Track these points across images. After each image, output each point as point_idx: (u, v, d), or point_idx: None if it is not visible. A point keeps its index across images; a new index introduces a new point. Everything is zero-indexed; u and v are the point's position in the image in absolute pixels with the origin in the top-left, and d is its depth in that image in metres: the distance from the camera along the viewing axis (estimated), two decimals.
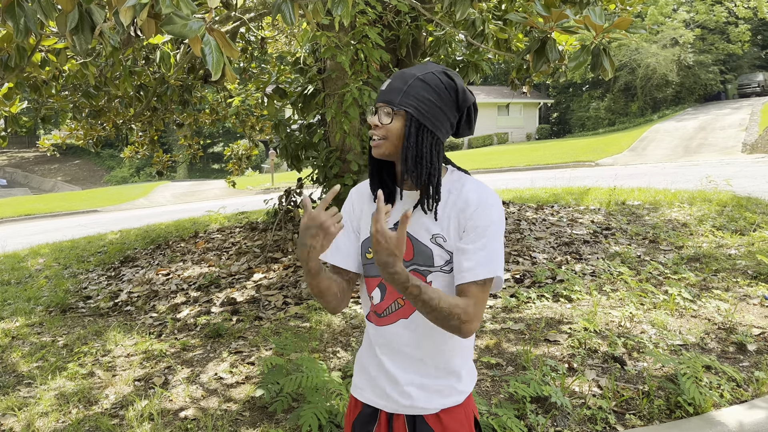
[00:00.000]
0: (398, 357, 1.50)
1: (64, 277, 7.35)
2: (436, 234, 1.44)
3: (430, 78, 1.41)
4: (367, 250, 1.51)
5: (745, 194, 8.61)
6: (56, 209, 20.06)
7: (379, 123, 1.41)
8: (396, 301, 1.48)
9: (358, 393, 1.59)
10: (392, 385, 1.49)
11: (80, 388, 3.76)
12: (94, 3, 2.16)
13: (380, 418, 1.54)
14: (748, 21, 32.58)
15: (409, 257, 1.45)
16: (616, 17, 3.00)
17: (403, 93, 1.39)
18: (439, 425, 1.48)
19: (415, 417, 1.50)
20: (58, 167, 44.12)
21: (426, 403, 1.48)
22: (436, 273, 1.44)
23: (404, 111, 1.40)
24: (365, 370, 1.57)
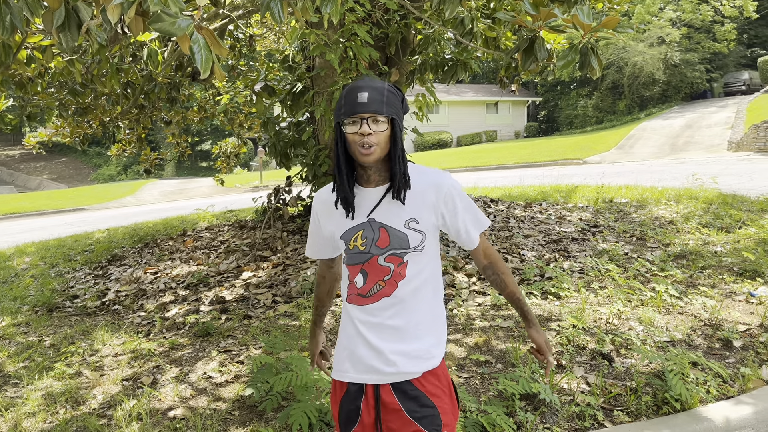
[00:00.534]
0: (381, 330, 1.68)
1: (51, 276, 7.29)
2: (408, 219, 1.67)
3: (393, 89, 1.66)
4: (348, 244, 1.71)
5: (731, 192, 8.69)
6: (42, 207, 19.88)
7: (371, 131, 1.59)
8: (377, 283, 1.68)
9: (341, 375, 1.74)
10: (378, 357, 1.67)
11: (67, 388, 3.73)
12: (81, 0, 2.14)
13: (366, 392, 1.69)
14: (734, 20, 32.82)
15: (386, 244, 1.67)
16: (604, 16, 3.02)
17: (385, 103, 1.61)
18: (422, 387, 1.67)
19: (401, 383, 1.67)
20: (44, 165, 43.70)
21: (410, 367, 1.67)
22: (410, 253, 1.67)
23: (390, 118, 1.63)
24: (348, 352, 1.73)
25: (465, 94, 37.69)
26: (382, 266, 1.67)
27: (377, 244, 1.67)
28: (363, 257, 1.68)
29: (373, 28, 6.02)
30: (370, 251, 1.67)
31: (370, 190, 1.71)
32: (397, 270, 1.67)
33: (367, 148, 1.60)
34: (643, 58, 32.12)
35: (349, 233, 1.70)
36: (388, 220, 1.67)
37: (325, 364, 1.91)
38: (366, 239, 1.68)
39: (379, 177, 1.70)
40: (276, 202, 7.50)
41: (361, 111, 1.59)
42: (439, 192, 1.70)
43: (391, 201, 1.68)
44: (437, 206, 1.70)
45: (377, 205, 1.69)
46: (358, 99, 1.60)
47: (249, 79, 7.58)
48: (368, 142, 1.59)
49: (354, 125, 1.61)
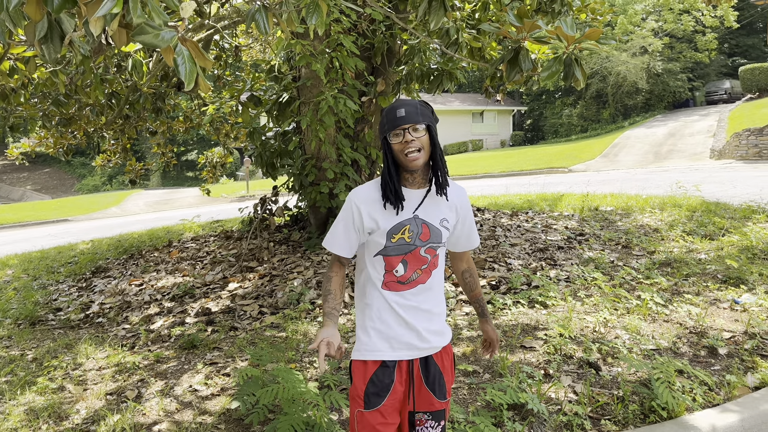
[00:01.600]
0: (416, 312, 1.98)
1: (34, 288, 7.19)
2: (443, 218, 1.99)
3: (423, 103, 1.95)
4: (392, 236, 1.95)
5: (714, 199, 8.79)
6: (25, 219, 19.65)
7: (413, 137, 1.86)
8: (416, 271, 1.97)
9: (375, 355, 1.96)
10: (415, 336, 1.97)
11: (50, 403, 3.67)
12: (65, 12, 2.13)
13: (401, 367, 1.97)
14: (714, 30, 33.36)
15: (427, 238, 1.96)
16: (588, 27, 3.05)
17: (420, 114, 1.89)
18: (440, 361, 2.03)
19: (426, 358, 2.00)
20: (28, 176, 43.22)
21: (438, 342, 2.01)
22: (441, 247, 2.00)
23: (426, 126, 1.90)
24: (382, 334, 1.97)
25: (451, 104, 37.88)
26: (422, 257, 1.96)
27: (420, 237, 1.95)
28: (408, 248, 1.95)
29: (359, 39, 6.04)
30: (414, 243, 1.95)
31: (414, 191, 1.98)
32: (432, 260, 1.99)
33: (414, 153, 1.87)
34: (626, 68, 32.49)
35: (398, 227, 1.95)
36: (428, 217, 1.97)
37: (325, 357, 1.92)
38: (412, 233, 1.95)
39: (423, 180, 1.98)
40: (262, 212, 7.46)
41: (402, 123, 1.87)
42: (461, 201, 2.06)
43: (431, 201, 1.98)
44: (458, 212, 2.04)
45: (421, 203, 1.97)
46: (398, 114, 1.88)
47: (235, 89, 7.56)
48: (412, 147, 1.86)
49: (398, 137, 1.88)
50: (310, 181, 6.54)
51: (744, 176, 12.72)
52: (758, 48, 37.46)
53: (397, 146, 1.89)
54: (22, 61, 3.67)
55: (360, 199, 2.00)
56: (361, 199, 2.00)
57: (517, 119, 42.64)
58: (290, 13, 2.78)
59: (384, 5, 5.37)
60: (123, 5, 1.57)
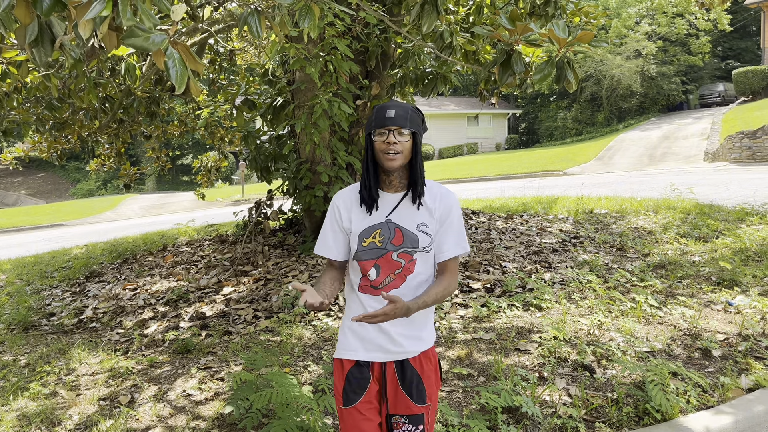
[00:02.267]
0: None
1: (27, 293, 7.16)
2: (420, 223, 1.96)
3: (415, 110, 1.96)
4: (363, 240, 1.96)
5: (708, 202, 8.82)
6: (19, 224, 19.57)
7: (397, 140, 1.88)
8: (389, 275, 1.95)
9: (350, 354, 2.00)
10: (386, 338, 1.96)
11: (43, 409, 3.65)
12: (55, 15, 2.12)
13: (374, 368, 1.99)
14: (708, 33, 33.52)
15: (400, 242, 1.94)
16: (580, 30, 3.06)
17: (409, 120, 1.90)
18: (419, 365, 1.99)
19: (402, 362, 1.98)
20: (22, 180, 43.06)
21: (412, 347, 1.98)
22: (419, 253, 1.95)
23: (412, 132, 1.91)
24: (357, 334, 2.00)
25: (446, 107, 37.94)
26: (394, 261, 1.95)
27: (392, 241, 1.94)
28: (379, 252, 1.95)
29: (353, 42, 6.05)
30: (386, 247, 1.94)
31: (390, 194, 1.99)
32: (407, 265, 1.95)
33: (392, 155, 1.88)
34: (620, 71, 32.59)
35: (369, 230, 1.96)
36: (403, 221, 1.96)
37: (308, 302, 1.77)
38: (383, 237, 1.95)
39: (400, 183, 1.98)
40: (257, 216, 7.45)
41: (389, 124, 1.88)
42: (444, 206, 2.00)
43: (407, 206, 1.97)
44: (436, 215, 1.99)
45: (396, 207, 1.97)
46: (387, 114, 1.89)
47: (229, 93, 7.56)
48: (393, 149, 1.88)
49: (382, 135, 1.89)
50: (305, 185, 6.53)
51: (738, 178, 12.77)
52: (751, 51, 37.67)
53: (379, 145, 1.91)
54: (14, 65, 3.65)
55: (340, 199, 2.05)
56: (340, 200, 2.05)
57: (512, 122, 42.72)
58: (283, 16, 2.78)
59: (378, 9, 5.38)
60: (112, 8, 1.57)
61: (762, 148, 16.54)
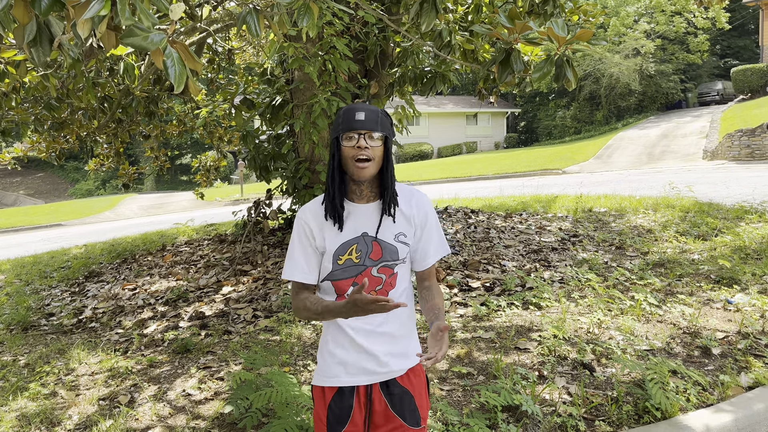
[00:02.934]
0: (373, 336, 1.83)
1: (26, 293, 7.15)
2: (398, 233, 1.83)
3: (385, 113, 1.81)
4: (338, 258, 1.81)
5: (707, 200, 8.82)
6: (18, 224, 19.56)
7: (368, 145, 1.73)
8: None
9: (331, 381, 1.85)
10: (372, 360, 1.82)
11: (42, 409, 3.64)
12: (53, 14, 2.12)
13: (359, 393, 1.84)
14: (706, 31, 33.54)
15: (378, 256, 1.81)
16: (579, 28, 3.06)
17: (379, 123, 1.75)
18: (408, 383, 1.87)
19: (388, 382, 1.85)
20: (21, 180, 43.04)
21: (398, 365, 1.86)
22: (399, 264, 1.84)
23: (384, 136, 1.77)
24: (337, 358, 1.85)
25: (445, 106, 37.95)
26: (375, 277, 1.82)
27: (371, 256, 1.81)
28: (357, 269, 1.81)
29: (352, 42, 6.04)
30: (364, 263, 1.80)
31: (361, 205, 1.83)
32: (388, 280, 1.83)
33: (363, 162, 1.72)
34: (619, 69, 32.62)
35: (343, 247, 1.81)
36: (379, 234, 1.82)
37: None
38: (360, 252, 1.81)
39: (371, 193, 1.83)
40: (256, 216, 7.44)
41: (359, 127, 1.72)
42: (419, 209, 1.87)
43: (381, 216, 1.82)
44: (415, 221, 1.87)
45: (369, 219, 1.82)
46: (356, 117, 1.73)
47: (228, 93, 7.55)
48: (364, 155, 1.72)
49: (351, 140, 1.73)
50: (304, 184, 6.53)
51: (736, 177, 12.78)
52: (750, 49, 37.69)
53: (347, 150, 1.74)
54: (13, 65, 3.64)
55: (308, 214, 1.86)
56: (309, 215, 1.86)
57: (511, 121, 42.74)
58: (281, 15, 2.78)
59: (377, 8, 5.38)
60: (111, 7, 1.56)
61: (761, 147, 16.56)
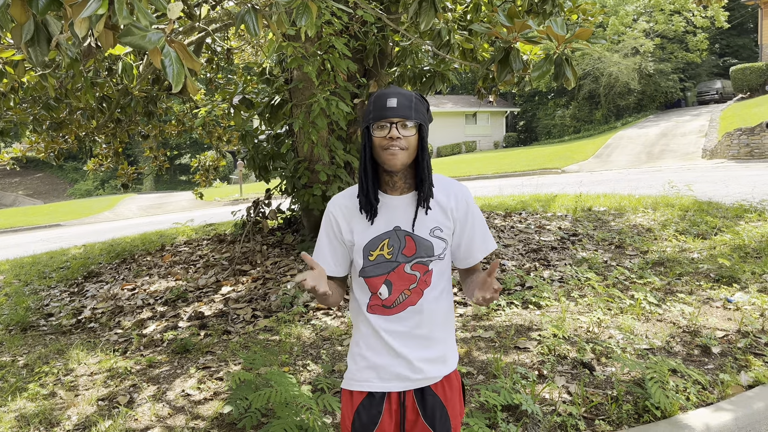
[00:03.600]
0: (408, 338, 1.71)
1: (25, 294, 7.14)
2: (434, 227, 1.70)
3: (419, 97, 1.67)
4: (369, 254, 1.70)
5: (706, 199, 8.82)
6: (17, 224, 19.54)
7: (401, 135, 1.60)
8: (403, 292, 1.70)
9: (361, 385, 1.74)
10: (405, 365, 1.71)
11: (41, 409, 3.64)
12: (51, 14, 2.11)
13: (390, 400, 1.73)
14: (705, 30, 33.54)
15: (412, 252, 1.68)
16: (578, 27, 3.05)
17: (413, 109, 1.62)
18: (442, 391, 1.75)
19: (422, 389, 1.73)
20: (19, 181, 43.01)
21: (434, 372, 1.73)
22: (435, 261, 1.70)
23: (418, 124, 1.63)
24: (369, 362, 1.73)
25: (444, 105, 37.93)
26: (408, 274, 1.69)
27: (404, 252, 1.69)
28: (389, 266, 1.69)
29: (351, 41, 6.04)
30: (396, 259, 1.68)
31: (394, 197, 1.71)
32: (423, 278, 1.70)
33: (395, 151, 1.60)
34: (618, 68, 32.62)
35: (375, 242, 1.70)
36: (413, 228, 1.69)
37: (309, 283, 1.54)
38: (393, 248, 1.69)
39: (404, 184, 1.70)
40: (255, 216, 7.44)
41: (390, 116, 1.60)
42: (459, 203, 1.74)
43: (416, 209, 1.70)
44: (454, 215, 1.74)
45: (403, 212, 1.69)
46: (388, 104, 1.61)
47: (227, 92, 7.55)
48: (397, 145, 1.60)
49: (383, 129, 1.61)
50: (303, 184, 6.52)
51: (736, 175, 12.78)
52: (749, 48, 37.69)
53: (379, 140, 1.62)
54: (11, 65, 3.64)
55: (336, 207, 1.77)
56: (337, 208, 1.76)
57: (510, 120, 42.74)
58: (280, 14, 2.77)
59: (375, 7, 5.37)
60: (108, 6, 1.56)
61: (760, 145, 16.56)
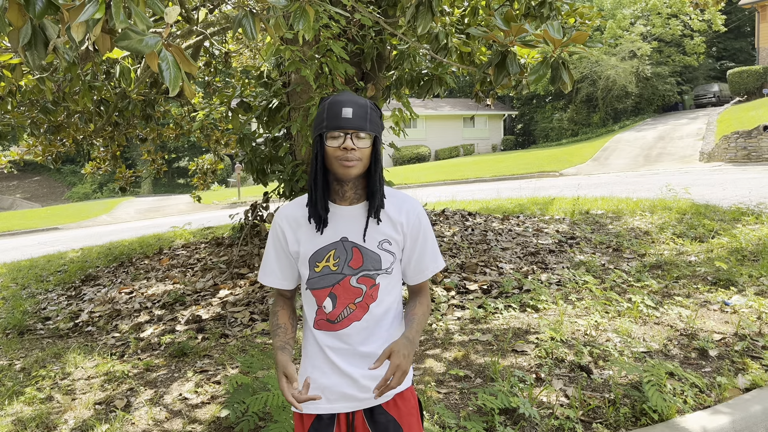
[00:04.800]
0: (352, 356, 1.66)
1: (22, 297, 7.13)
2: (381, 240, 1.65)
3: (374, 106, 1.64)
4: (315, 264, 1.66)
5: (704, 202, 8.84)
6: (15, 227, 19.51)
7: (355, 146, 1.56)
8: (347, 306, 1.65)
9: (309, 408, 1.69)
10: (350, 384, 1.65)
11: (38, 413, 3.63)
12: (48, 18, 2.11)
13: (339, 421, 1.68)
14: (702, 33, 33.64)
15: (359, 264, 1.64)
16: (575, 31, 3.06)
17: (368, 120, 1.59)
18: (396, 410, 1.69)
19: (372, 409, 1.68)
20: (17, 184, 42.96)
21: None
22: (382, 275, 1.66)
23: (371, 135, 1.59)
24: (316, 383, 1.69)
25: (442, 108, 37.97)
26: (354, 288, 1.64)
27: (350, 264, 1.63)
28: (334, 278, 1.64)
29: (349, 44, 6.04)
30: (342, 271, 1.63)
31: (344, 207, 1.66)
32: (369, 292, 1.65)
33: (349, 163, 1.56)
34: (615, 72, 32.68)
35: (321, 252, 1.65)
36: (361, 239, 1.64)
37: (295, 392, 1.59)
38: (339, 259, 1.63)
39: (355, 194, 1.66)
40: (253, 219, 7.44)
41: (345, 126, 1.56)
42: (410, 217, 1.70)
43: (365, 220, 1.66)
44: (405, 230, 1.69)
45: (351, 223, 1.65)
46: (343, 114, 1.56)
47: (225, 96, 7.54)
48: (351, 157, 1.56)
49: (337, 140, 1.57)
50: (301, 187, 6.52)
51: (733, 178, 12.81)
52: (746, 51, 37.80)
53: (332, 150, 1.58)
54: (9, 69, 3.64)
55: (283, 218, 1.72)
56: (284, 218, 1.72)
57: (508, 124, 42.80)
58: (277, 18, 2.78)
59: (373, 10, 5.38)
60: (105, 10, 1.56)
61: (757, 148, 16.60)
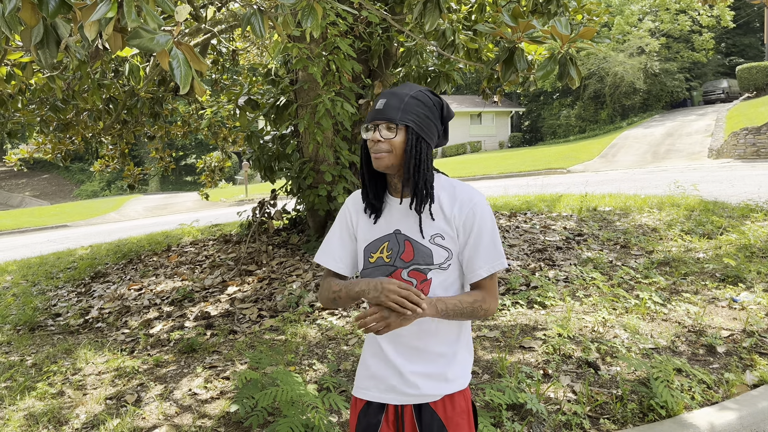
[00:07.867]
0: (402, 349, 1.64)
1: (33, 294, 7.19)
2: (434, 234, 1.60)
3: (421, 96, 1.60)
4: (370, 255, 1.66)
5: (712, 198, 8.80)
6: (24, 225, 19.65)
7: (381, 138, 1.56)
8: None
9: (362, 393, 1.71)
10: (399, 378, 1.63)
11: (50, 408, 3.67)
12: (60, 17, 2.14)
13: (387, 411, 1.67)
14: (711, 29, 33.43)
15: (410, 258, 1.60)
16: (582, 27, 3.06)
17: (402, 110, 1.56)
18: (443, 411, 1.63)
19: (421, 405, 1.64)
20: (26, 182, 43.24)
21: (431, 389, 1.63)
22: (435, 270, 1.60)
23: (405, 125, 1.56)
24: (369, 370, 1.70)
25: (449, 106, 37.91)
26: (404, 281, 1.60)
27: (402, 257, 1.61)
28: (387, 270, 1.62)
29: (356, 42, 6.06)
30: (394, 264, 1.61)
31: (397, 200, 1.65)
32: (419, 286, 1.60)
33: (378, 154, 1.56)
34: (623, 68, 32.55)
35: (375, 244, 1.65)
36: (413, 233, 1.62)
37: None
38: (391, 251, 1.62)
39: (404, 188, 1.64)
40: (261, 216, 7.46)
41: (374, 117, 1.57)
42: (462, 208, 1.61)
43: (416, 214, 1.63)
44: (457, 222, 1.62)
45: (404, 216, 1.63)
46: (377, 105, 1.58)
47: (232, 93, 7.58)
48: (378, 148, 1.56)
49: (368, 132, 1.60)
50: (308, 184, 6.54)
51: (742, 175, 12.74)
52: (755, 47, 37.55)
53: (368, 142, 1.61)
54: (19, 67, 3.67)
55: (351, 201, 1.75)
56: (352, 202, 1.74)
57: (516, 121, 42.70)
58: (286, 16, 2.79)
59: (380, 8, 5.39)
60: (117, 9, 1.58)
61: (766, 145, 16.51)
